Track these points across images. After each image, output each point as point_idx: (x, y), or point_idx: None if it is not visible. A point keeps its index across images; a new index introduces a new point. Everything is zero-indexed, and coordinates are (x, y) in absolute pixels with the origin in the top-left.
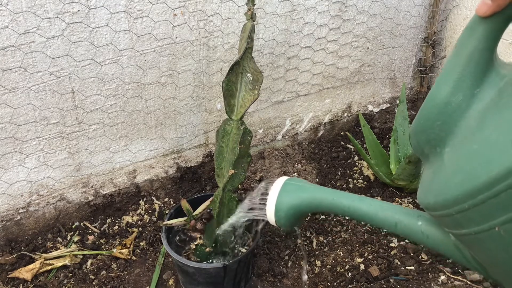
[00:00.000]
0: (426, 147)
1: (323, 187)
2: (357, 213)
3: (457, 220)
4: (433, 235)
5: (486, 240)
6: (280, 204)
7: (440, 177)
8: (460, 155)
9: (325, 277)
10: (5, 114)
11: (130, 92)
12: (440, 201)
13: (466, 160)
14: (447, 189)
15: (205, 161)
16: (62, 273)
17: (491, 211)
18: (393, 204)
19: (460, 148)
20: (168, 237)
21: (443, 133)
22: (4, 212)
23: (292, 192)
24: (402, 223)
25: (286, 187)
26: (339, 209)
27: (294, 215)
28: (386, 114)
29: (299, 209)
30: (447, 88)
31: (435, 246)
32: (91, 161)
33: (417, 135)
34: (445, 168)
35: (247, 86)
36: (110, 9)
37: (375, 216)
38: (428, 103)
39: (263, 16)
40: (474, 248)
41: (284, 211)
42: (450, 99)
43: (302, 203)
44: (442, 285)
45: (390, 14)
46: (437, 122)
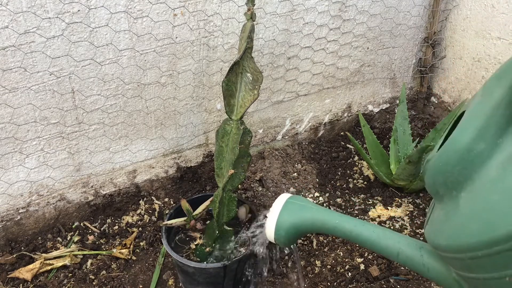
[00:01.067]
0: (441, 189)
1: (326, 209)
2: (359, 239)
3: (467, 265)
4: (434, 268)
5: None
6: (282, 223)
7: (454, 221)
8: (478, 203)
9: (325, 277)
10: (5, 114)
11: (130, 92)
12: (452, 245)
13: (485, 209)
14: (461, 235)
15: (205, 161)
16: (62, 273)
17: (505, 263)
18: (395, 233)
19: (478, 196)
20: (168, 237)
21: (461, 178)
22: (4, 212)
23: (294, 212)
24: (404, 253)
25: (288, 205)
26: (342, 233)
27: (295, 235)
28: (386, 114)
29: (300, 229)
30: (470, 135)
31: (435, 278)
32: (91, 161)
33: (435, 176)
34: (461, 213)
35: (247, 86)
36: (110, 9)
37: (377, 243)
38: (450, 146)
39: (263, 16)
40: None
41: (285, 230)
42: (473, 146)
43: (304, 224)
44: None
45: (390, 14)
46: (457, 167)
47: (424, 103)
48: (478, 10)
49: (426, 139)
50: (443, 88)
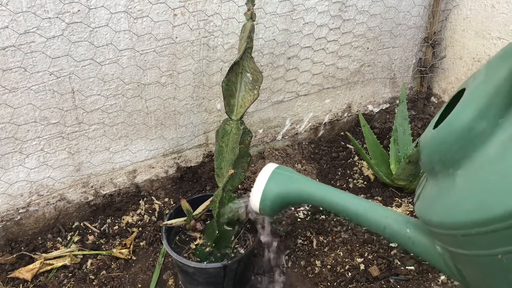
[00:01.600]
0: (438, 166)
1: (314, 180)
2: (346, 212)
3: (459, 241)
4: (419, 242)
5: (485, 263)
6: (268, 193)
7: (448, 198)
8: (475, 182)
9: (325, 277)
10: (5, 114)
11: (130, 92)
12: (446, 221)
13: (481, 189)
14: (456, 212)
15: (205, 161)
16: (62, 273)
17: (498, 241)
18: (383, 207)
19: (475, 175)
20: (168, 237)
21: (459, 156)
22: (4, 212)
23: (281, 183)
24: (391, 227)
25: (274, 176)
26: (328, 205)
27: (280, 205)
28: (386, 114)
29: (287, 199)
30: (471, 114)
31: (420, 252)
32: (91, 161)
33: (432, 153)
34: (456, 190)
35: (247, 86)
36: (110, 9)
37: (364, 216)
38: (449, 125)
39: (263, 16)
40: (467, 266)
41: (271, 200)
42: (473, 125)
43: (290, 194)
44: (442, 285)
45: (390, 14)
46: (456, 145)
47: (424, 103)
48: (478, 10)
49: None
50: (443, 88)
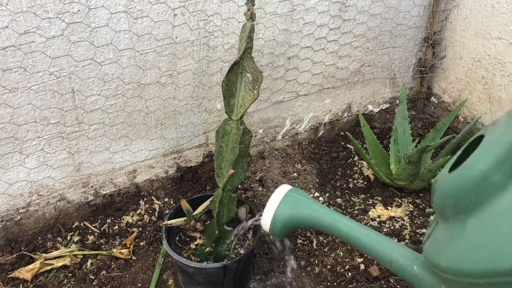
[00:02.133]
0: (449, 211)
1: (325, 207)
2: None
3: None
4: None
5: None
6: (280, 215)
7: (458, 245)
8: (486, 232)
9: (325, 277)
10: (5, 114)
11: (130, 92)
12: (454, 268)
13: (492, 240)
14: (465, 260)
15: (205, 161)
16: (62, 273)
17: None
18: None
19: (487, 226)
20: (168, 237)
21: (472, 204)
22: (4, 212)
23: (293, 207)
24: (398, 262)
25: (287, 198)
26: (337, 233)
27: (290, 228)
28: (386, 114)
29: (297, 223)
30: (488, 163)
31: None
32: (91, 161)
33: (445, 198)
34: (466, 238)
35: (247, 86)
36: (110, 9)
37: (372, 248)
38: (466, 171)
39: (263, 16)
40: None
41: (282, 222)
42: (489, 175)
43: (302, 219)
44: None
45: (390, 14)
46: (470, 193)
47: (424, 103)
48: (478, 10)
49: (426, 139)
50: (443, 88)
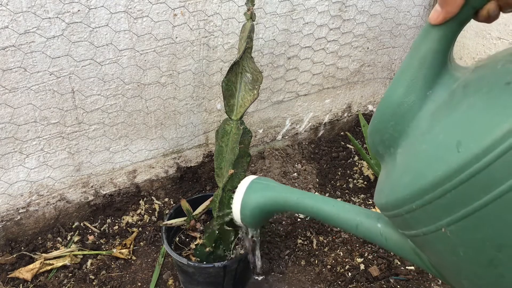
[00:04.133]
0: (380, 148)
1: (289, 187)
2: (319, 214)
3: (406, 220)
4: (391, 238)
5: (434, 241)
6: (246, 202)
7: (391, 178)
8: (410, 155)
9: (325, 277)
10: (5, 114)
11: (130, 92)
12: (390, 201)
13: (415, 160)
14: (397, 189)
15: (205, 161)
16: (62, 273)
17: (437, 212)
18: (355, 206)
19: (410, 149)
20: (168, 237)
21: (396, 133)
22: (4, 212)
23: (258, 191)
24: (363, 225)
25: (252, 185)
26: (303, 209)
27: (260, 214)
28: None
29: (265, 208)
30: (400, 89)
31: (394, 249)
32: (91, 161)
33: (372, 136)
34: (397, 168)
35: (247, 86)
36: (110, 9)
37: (337, 217)
38: (382, 103)
39: (263, 16)
40: (425, 250)
41: (250, 209)
42: (403, 100)
43: (267, 202)
44: (442, 285)
45: (390, 14)
46: (391, 122)
47: None
48: None
49: None
50: None
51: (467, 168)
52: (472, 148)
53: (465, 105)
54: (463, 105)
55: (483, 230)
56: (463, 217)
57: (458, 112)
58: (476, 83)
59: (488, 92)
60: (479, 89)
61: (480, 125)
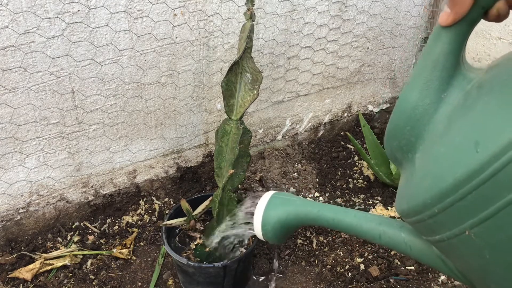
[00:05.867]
0: (398, 154)
1: (309, 200)
2: (341, 225)
3: (429, 226)
4: (416, 246)
5: (459, 245)
6: (267, 218)
7: (411, 183)
8: (428, 159)
9: (325, 277)
10: (5, 114)
11: (130, 92)
12: (411, 206)
13: (434, 164)
14: (417, 194)
15: (205, 161)
16: (62, 273)
17: (459, 215)
18: (377, 215)
19: (428, 153)
20: (168, 237)
21: (413, 138)
22: (4, 212)
23: (278, 206)
24: (386, 234)
25: (272, 201)
26: (325, 221)
27: (281, 229)
28: (386, 114)
29: (286, 222)
30: (414, 93)
31: (419, 257)
32: (91, 161)
33: (389, 142)
34: (416, 173)
35: (247, 86)
36: (110, 9)
37: (359, 227)
38: (397, 108)
39: (263, 16)
40: (450, 255)
41: (271, 225)
42: (418, 103)
43: (288, 217)
44: (442, 285)
45: (390, 14)
46: (407, 127)
47: None
48: None
49: None
50: None
51: (487, 168)
52: (491, 148)
53: (481, 105)
54: (479, 105)
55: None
56: (486, 218)
57: (474, 113)
58: (491, 83)
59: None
60: (494, 88)
61: (497, 123)
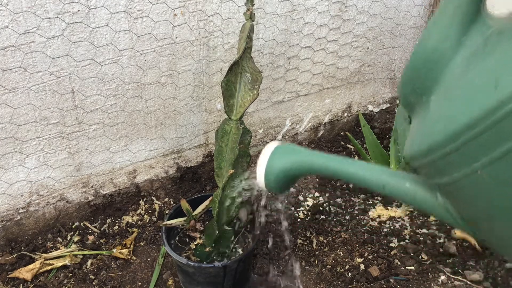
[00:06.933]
0: (412, 98)
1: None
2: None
3: (439, 166)
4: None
5: (468, 187)
6: (270, 168)
7: (424, 125)
8: (444, 101)
9: (325, 277)
10: (5, 114)
11: (130, 92)
12: (423, 148)
13: (449, 105)
14: (430, 135)
15: (205, 161)
16: (62, 273)
17: (472, 154)
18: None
19: (444, 95)
20: (168, 237)
21: (428, 81)
22: (4, 212)
23: (282, 156)
24: (390, 184)
25: (277, 150)
26: (329, 171)
27: (284, 178)
28: (386, 114)
29: (290, 172)
30: (434, 35)
31: (423, 205)
32: (91, 161)
33: (404, 86)
34: (429, 116)
35: (246, 86)
36: (110, 9)
37: (363, 178)
38: (416, 51)
39: (263, 16)
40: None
41: (274, 174)
42: (437, 46)
43: (292, 166)
44: (442, 285)
45: (390, 14)
46: (423, 69)
47: None
48: None
49: None
50: None
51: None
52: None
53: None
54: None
55: None
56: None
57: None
58: None
59: None
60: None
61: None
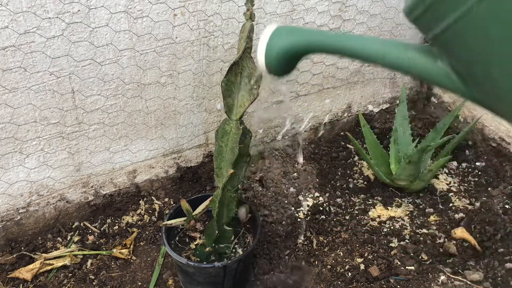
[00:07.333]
0: None
1: (315, 29)
2: (347, 50)
3: (436, 11)
4: (420, 62)
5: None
6: (271, 48)
7: None
8: None
9: (325, 277)
10: (5, 114)
11: (130, 92)
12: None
13: None
14: None
15: (205, 161)
16: (62, 273)
17: None
18: (382, 38)
19: None
20: (168, 237)
21: None
22: (4, 212)
23: (283, 35)
24: (391, 54)
25: (277, 31)
26: (329, 47)
27: (285, 58)
28: (386, 114)
29: (290, 51)
30: None
31: (423, 73)
32: (91, 161)
33: None
34: None
35: (246, 86)
36: (110, 9)
37: (364, 49)
38: None
39: (263, 16)
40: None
41: (275, 54)
42: None
43: (292, 45)
44: (442, 285)
45: (390, 14)
46: None
47: (424, 103)
48: None
49: (426, 139)
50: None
51: None
52: None
53: None
54: None
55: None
56: None
57: None
58: None
59: None
60: None
61: None
